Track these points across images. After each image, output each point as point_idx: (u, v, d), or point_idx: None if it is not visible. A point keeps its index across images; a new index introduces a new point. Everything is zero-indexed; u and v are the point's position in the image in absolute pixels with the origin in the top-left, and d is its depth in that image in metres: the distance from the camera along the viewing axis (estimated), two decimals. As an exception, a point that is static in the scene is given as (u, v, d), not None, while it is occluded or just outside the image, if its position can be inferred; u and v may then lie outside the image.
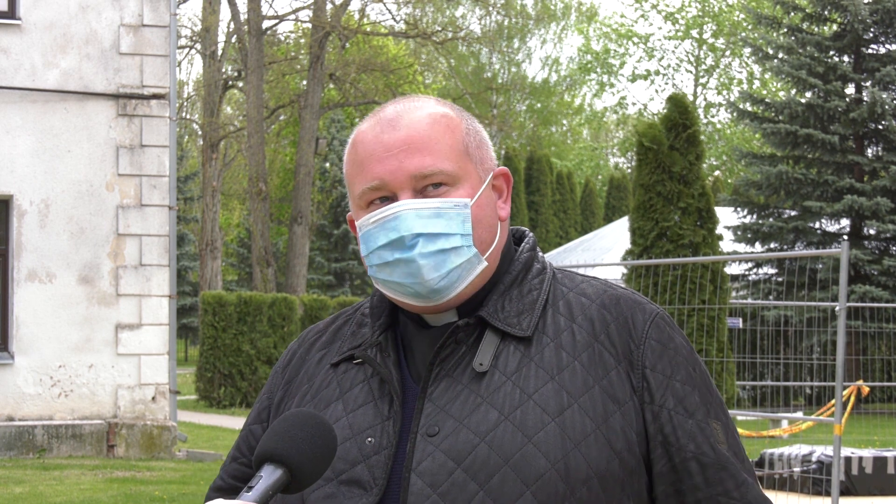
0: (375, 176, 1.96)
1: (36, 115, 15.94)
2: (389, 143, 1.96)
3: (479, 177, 1.99)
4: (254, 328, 26.64)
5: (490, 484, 1.86)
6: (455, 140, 1.98)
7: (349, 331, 2.10)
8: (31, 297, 15.80)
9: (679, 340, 1.99)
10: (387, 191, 1.96)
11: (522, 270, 2.03)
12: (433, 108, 2.00)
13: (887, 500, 12.62)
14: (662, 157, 18.71)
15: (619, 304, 2.00)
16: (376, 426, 1.95)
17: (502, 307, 1.98)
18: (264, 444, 1.78)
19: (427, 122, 1.97)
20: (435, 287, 1.94)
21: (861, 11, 28.38)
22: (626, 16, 60.31)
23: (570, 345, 1.95)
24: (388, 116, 1.99)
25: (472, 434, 1.89)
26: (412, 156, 1.95)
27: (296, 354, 2.13)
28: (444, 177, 1.95)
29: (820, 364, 21.38)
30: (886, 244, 28.50)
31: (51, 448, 15.72)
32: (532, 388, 1.91)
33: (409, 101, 2.02)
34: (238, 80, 42.83)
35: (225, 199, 52.79)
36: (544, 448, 1.87)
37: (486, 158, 2.02)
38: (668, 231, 18.75)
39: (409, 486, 1.89)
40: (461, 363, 1.95)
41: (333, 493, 1.93)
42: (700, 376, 1.99)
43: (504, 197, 2.05)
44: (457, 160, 1.97)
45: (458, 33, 44.24)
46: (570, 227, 45.84)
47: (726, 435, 1.97)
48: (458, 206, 1.95)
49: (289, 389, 2.09)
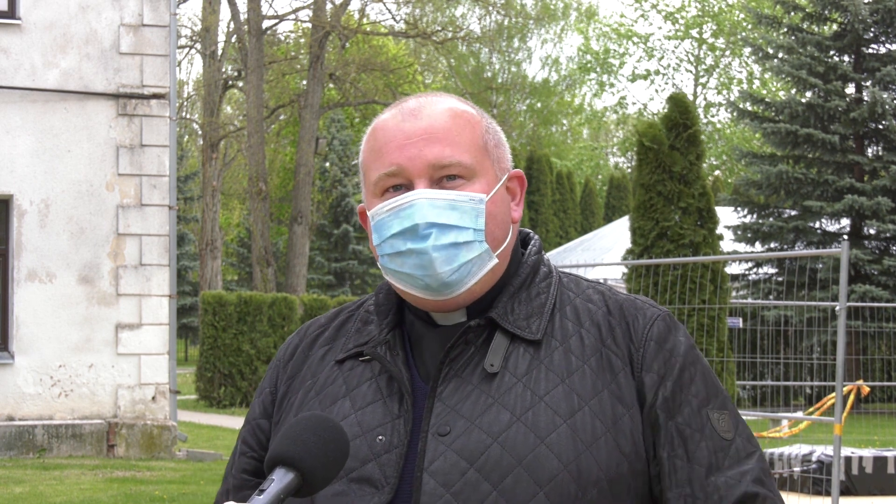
0: (393, 161, 1.96)
1: (36, 115, 15.93)
2: (410, 131, 1.96)
3: (495, 175, 2.00)
4: (254, 328, 26.64)
5: (503, 484, 1.86)
6: (475, 135, 1.99)
7: (353, 327, 2.09)
8: (31, 296, 15.80)
9: (676, 339, 2.00)
10: (403, 178, 1.95)
11: (531, 273, 2.04)
12: (455, 104, 2.02)
13: (887, 500, 12.62)
14: (663, 156, 18.71)
15: (623, 309, 2.01)
16: (386, 424, 1.94)
17: (512, 309, 1.98)
18: (276, 447, 1.77)
19: (449, 115, 1.98)
20: (446, 280, 1.93)
21: (861, 11, 28.38)
22: (626, 15, 60.38)
23: (579, 349, 1.96)
24: (410, 107, 2.00)
25: (484, 434, 1.89)
26: (432, 145, 1.95)
27: (298, 349, 2.12)
28: (461, 169, 1.95)
29: (820, 364, 21.38)
30: (886, 244, 28.50)
31: (51, 448, 15.71)
32: (543, 390, 1.92)
33: (432, 96, 2.03)
34: (238, 79, 42.83)
35: (225, 198, 52.79)
36: (557, 449, 1.88)
37: (503, 158, 2.03)
38: (668, 231, 18.75)
39: (422, 485, 1.88)
40: (470, 363, 1.95)
41: (344, 490, 1.92)
42: (698, 372, 1.99)
43: (517, 199, 2.05)
44: (475, 155, 1.97)
45: (457, 33, 44.24)
46: (570, 226, 45.83)
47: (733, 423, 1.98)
48: (474, 201, 1.95)
49: (292, 385, 2.08)
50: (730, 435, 1.96)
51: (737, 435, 1.97)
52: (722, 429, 1.96)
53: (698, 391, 1.97)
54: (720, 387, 2.01)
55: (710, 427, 1.95)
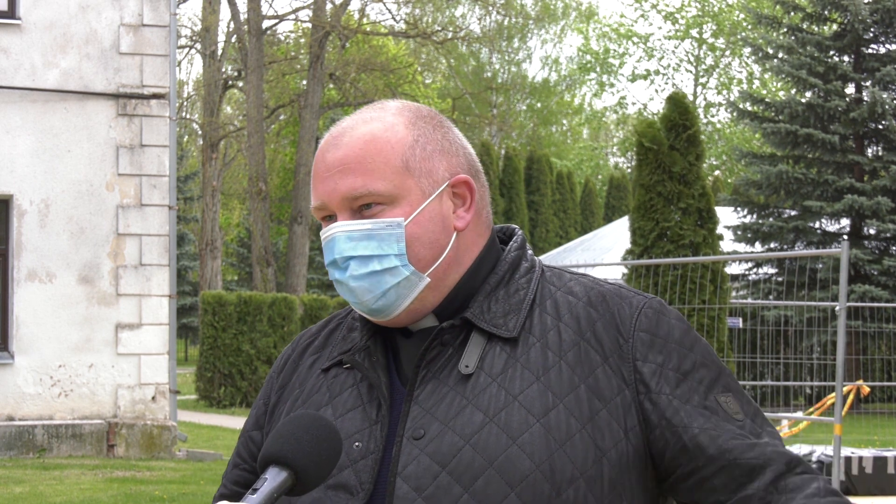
0: (317, 196, 1.99)
1: (36, 115, 15.94)
2: (329, 163, 1.98)
3: (420, 192, 1.96)
4: (254, 328, 26.64)
5: (475, 486, 1.85)
6: (391, 158, 1.96)
7: (340, 335, 2.10)
8: (31, 296, 15.80)
9: (669, 324, 1.97)
10: (328, 211, 1.99)
11: (509, 270, 2.02)
12: (380, 122, 1.99)
13: (887, 500, 12.62)
14: (663, 157, 18.71)
15: (606, 300, 1.98)
16: (364, 430, 1.94)
17: (488, 308, 1.97)
18: (269, 446, 1.78)
19: (364, 141, 1.96)
20: (373, 307, 1.95)
21: (861, 11, 28.38)
22: (626, 15, 60.40)
23: (556, 344, 1.94)
24: (335, 133, 2.00)
25: (456, 436, 1.88)
26: (345, 177, 1.95)
27: (289, 359, 2.14)
28: (375, 197, 1.94)
29: (820, 364, 21.38)
30: (886, 244, 28.50)
31: (51, 448, 15.72)
32: (517, 389, 1.90)
33: (364, 113, 2.02)
34: (238, 79, 42.83)
35: (225, 198, 52.79)
36: (529, 449, 1.86)
37: (435, 169, 1.98)
38: (668, 231, 18.75)
39: (395, 490, 1.88)
40: (447, 365, 1.95)
41: (321, 497, 1.92)
42: (699, 355, 1.96)
43: (467, 205, 2.01)
44: (392, 178, 1.95)
45: (458, 33, 44.25)
46: (570, 226, 45.81)
47: (740, 403, 1.95)
48: (391, 226, 1.94)
49: (282, 395, 2.10)
50: (740, 416, 1.93)
51: (746, 417, 1.94)
52: (732, 410, 1.93)
53: (702, 377, 1.94)
54: (722, 366, 1.98)
55: (723, 411, 1.92)
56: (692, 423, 1.90)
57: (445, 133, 2.02)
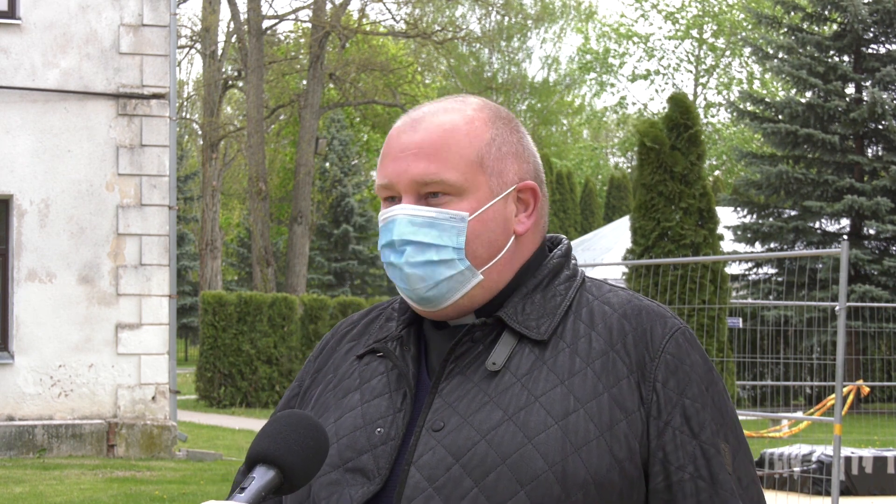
0: (386, 175, 1.99)
1: (36, 115, 15.93)
2: (405, 145, 1.98)
3: (489, 190, 1.98)
4: (254, 328, 26.65)
5: (485, 481, 1.87)
6: (468, 151, 1.98)
7: (378, 325, 2.13)
8: (31, 296, 15.80)
9: (696, 358, 1.97)
10: (394, 191, 1.99)
11: (549, 276, 2.03)
12: (461, 114, 2.01)
13: (887, 500, 12.62)
14: (664, 156, 18.71)
15: (641, 315, 1.99)
16: (387, 417, 1.97)
17: (523, 309, 1.98)
18: (256, 445, 1.80)
19: (444, 129, 1.98)
20: (423, 296, 1.97)
21: (861, 11, 28.38)
22: (626, 15, 60.37)
23: (586, 351, 1.95)
24: (415, 116, 2.01)
25: (473, 431, 1.90)
26: (419, 161, 1.96)
27: (327, 345, 2.17)
28: (445, 186, 1.96)
29: (820, 364, 21.38)
30: (886, 244, 28.50)
31: (51, 448, 15.71)
32: (540, 390, 1.92)
33: (445, 102, 2.03)
34: (238, 79, 42.82)
35: (225, 198, 52.79)
36: (543, 450, 1.87)
37: (506, 171, 2.01)
38: (669, 231, 18.76)
39: (408, 477, 1.90)
40: (475, 362, 1.97)
41: (339, 479, 1.95)
42: (714, 396, 1.97)
43: (529, 211, 2.03)
44: (464, 171, 1.97)
45: (458, 33, 44.24)
46: (570, 226, 45.82)
47: (734, 458, 1.95)
48: (455, 219, 1.96)
49: (316, 378, 2.13)
50: (730, 470, 1.93)
51: (734, 473, 1.94)
52: (727, 461, 1.94)
53: (714, 417, 1.95)
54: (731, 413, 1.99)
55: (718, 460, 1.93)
56: (687, 465, 1.91)
57: (520, 138, 2.05)
